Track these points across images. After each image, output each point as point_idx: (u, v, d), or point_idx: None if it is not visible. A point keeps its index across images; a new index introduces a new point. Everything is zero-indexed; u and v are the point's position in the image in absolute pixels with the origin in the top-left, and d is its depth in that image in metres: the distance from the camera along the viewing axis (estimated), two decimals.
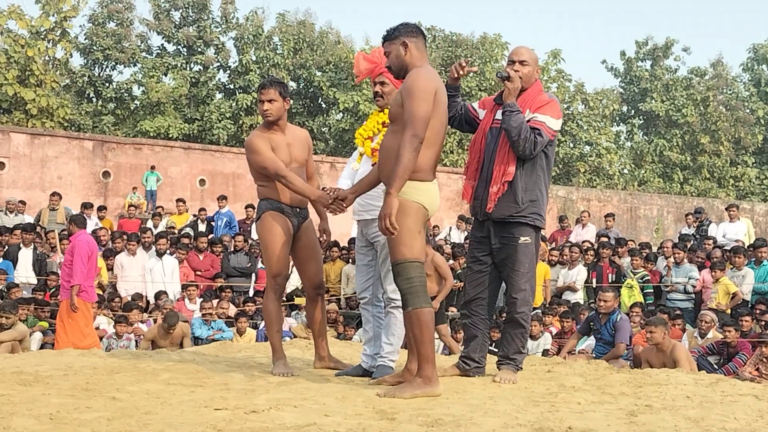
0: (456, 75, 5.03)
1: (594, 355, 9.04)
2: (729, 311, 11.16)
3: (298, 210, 5.27)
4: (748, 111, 35.99)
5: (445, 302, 10.21)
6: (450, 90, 4.98)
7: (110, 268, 12.74)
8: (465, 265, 5.36)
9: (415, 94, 4.29)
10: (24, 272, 12.42)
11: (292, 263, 5.47)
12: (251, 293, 12.92)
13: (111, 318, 11.14)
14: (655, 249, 14.97)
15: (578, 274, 12.82)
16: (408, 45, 4.50)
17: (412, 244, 4.33)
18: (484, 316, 5.12)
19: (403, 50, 4.50)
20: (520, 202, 4.89)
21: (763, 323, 10.17)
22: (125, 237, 13.24)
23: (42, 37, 27.20)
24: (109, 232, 14.65)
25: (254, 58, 30.72)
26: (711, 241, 14.13)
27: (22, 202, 16.59)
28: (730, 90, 37.25)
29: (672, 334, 9.23)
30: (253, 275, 13.31)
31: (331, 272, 13.05)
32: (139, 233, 13.96)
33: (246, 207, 16.49)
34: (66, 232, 10.44)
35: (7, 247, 12.62)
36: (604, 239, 14.37)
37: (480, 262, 5.08)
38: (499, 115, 5.00)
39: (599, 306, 9.53)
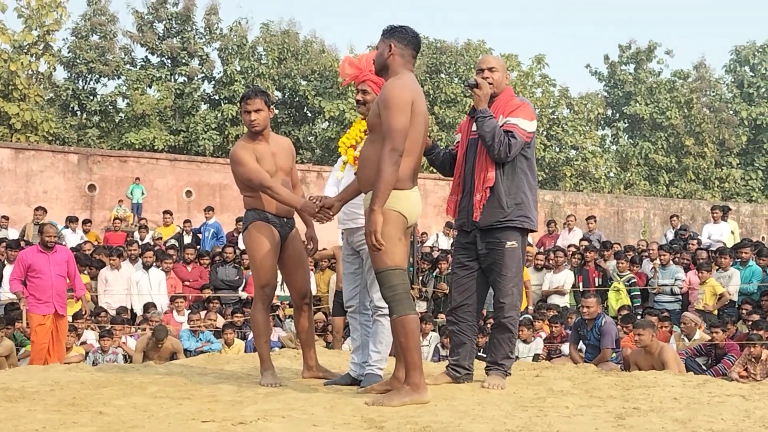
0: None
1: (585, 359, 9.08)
2: (716, 312, 11.21)
3: (285, 220, 5.25)
4: (731, 112, 36.19)
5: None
6: (428, 152, 5.10)
7: (93, 278, 12.66)
8: (451, 271, 5.34)
9: (391, 106, 4.30)
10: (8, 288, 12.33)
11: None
12: (244, 296, 12.94)
13: (97, 332, 11.08)
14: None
15: (566, 278, 12.86)
16: (392, 49, 4.52)
17: (393, 251, 4.34)
18: (472, 322, 5.12)
19: (387, 52, 4.53)
20: (506, 207, 4.90)
21: (749, 323, 10.21)
22: (107, 252, 13.18)
23: (25, 51, 27.07)
24: (92, 246, 14.56)
25: (239, 69, 30.68)
26: (695, 242, 14.22)
27: (5, 218, 16.51)
28: (713, 92, 37.46)
29: (660, 336, 9.27)
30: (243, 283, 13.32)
31: (321, 281, 13.03)
32: (124, 246, 13.91)
33: (237, 221, 16.37)
34: (51, 241, 9.38)
35: None
36: (585, 243, 14.40)
37: (466, 268, 5.08)
38: (475, 126, 5.03)
39: (582, 312, 9.58)
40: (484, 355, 5.43)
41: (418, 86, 4.52)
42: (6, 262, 12.61)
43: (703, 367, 9.19)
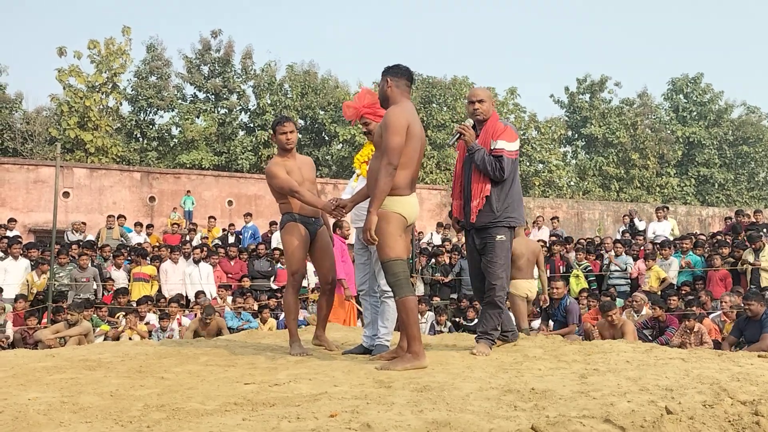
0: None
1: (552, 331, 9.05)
2: (660, 293, 11.19)
3: (313, 219, 5.26)
4: (669, 132, 36.10)
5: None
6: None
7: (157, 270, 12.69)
8: (469, 268, 5.38)
9: (389, 129, 4.31)
10: None
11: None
12: (274, 287, 12.94)
13: (158, 314, 11.09)
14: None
15: None
16: (389, 82, 4.53)
17: (394, 245, 4.33)
18: None
19: (385, 85, 4.54)
20: (496, 211, 4.92)
21: (685, 302, 10.18)
22: (169, 249, 13.19)
23: (97, 90, 27.14)
24: (151, 245, 14.61)
25: (269, 102, 30.68)
26: (641, 238, 14.21)
27: (83, 223, 16.55)
28: (654, 115, 37.36)
29: None
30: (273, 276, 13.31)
31: None
32: (180, 245, 13.92)
33: (270, 224, 16.36)
34: (349, 234, 8.42)
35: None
36: (553, 238, 14.41)
37: (478, 264, 5.10)
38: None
39: (552, 293, 9.54)
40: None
41: (414, 112, 4.50)
42: None
43: (649, 338, 9.16)
